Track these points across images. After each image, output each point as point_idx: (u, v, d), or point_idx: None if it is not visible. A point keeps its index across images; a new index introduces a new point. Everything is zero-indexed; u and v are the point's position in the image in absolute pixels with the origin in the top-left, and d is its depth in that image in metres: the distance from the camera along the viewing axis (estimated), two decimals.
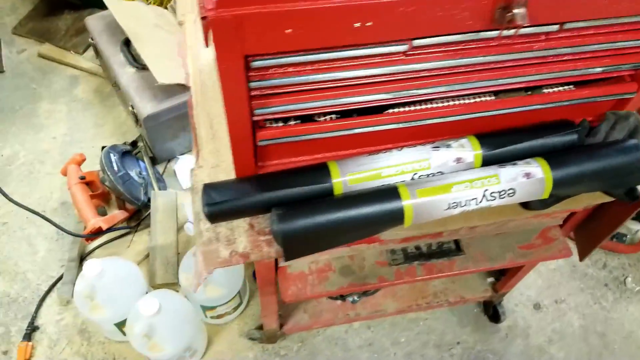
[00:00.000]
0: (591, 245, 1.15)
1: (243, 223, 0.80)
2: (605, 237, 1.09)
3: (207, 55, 0.95)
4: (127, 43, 1.84)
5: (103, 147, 1.74)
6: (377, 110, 0.76)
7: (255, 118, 0.69)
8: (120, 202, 1.71)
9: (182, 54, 0.94)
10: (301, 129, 0.73)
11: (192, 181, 0.82)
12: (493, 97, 0.81)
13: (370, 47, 0.63)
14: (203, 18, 0.55)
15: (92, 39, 1.94)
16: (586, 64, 0.77)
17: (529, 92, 0.82)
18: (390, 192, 0.75)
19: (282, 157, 0.80)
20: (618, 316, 1.68)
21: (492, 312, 1.63)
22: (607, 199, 0.87)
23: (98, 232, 1.56)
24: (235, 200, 0.74)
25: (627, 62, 0.79)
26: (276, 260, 1.00)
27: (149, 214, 1.69)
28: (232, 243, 0.78)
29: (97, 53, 1.99)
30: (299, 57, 0.61)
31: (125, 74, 1.79)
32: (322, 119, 0.75)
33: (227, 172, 0.83)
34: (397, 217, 0.75)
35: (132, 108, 1.74)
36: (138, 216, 1.74)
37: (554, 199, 0.83)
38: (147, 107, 1.69)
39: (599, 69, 0.78)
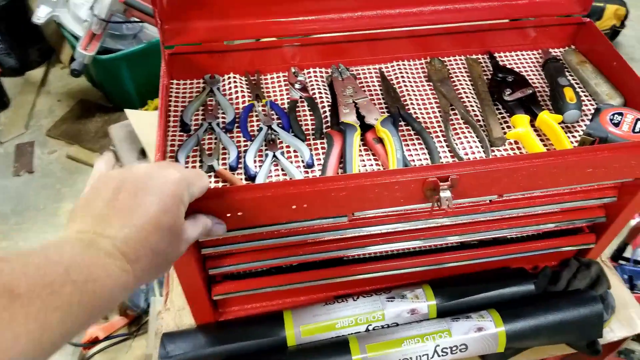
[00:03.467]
0: None
1: None
2: None
3: None
4: (143, 152, 1.95)
5: None
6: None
7: (211, 273, 0.73)
8: (122, 308, 1.75)
9: None
10: (253, 284, 0.76)
11: (157, 324, 0.85)
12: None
13: (311, 220, 0.67)
14: None
15: (113, 147, 2.06)
16: (537, 220, 0.79)
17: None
18: (341, 347, 0.76)
19: (241, 304, 0.83)
20: None
21: None
22: (569, 350, 0.85)
23: (95, 341, 1.59)
24: (190, 352, 0.76)
25: (580, 218, 0.80)
26: None
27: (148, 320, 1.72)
28: None
29: (117, 159, 2.11)
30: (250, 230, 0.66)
31: None
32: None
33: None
34: None
35: None
36: (138, 321, 1.77)
37: (513, 350, 0.82)
38: None
39: (551, 225, 0.80)
